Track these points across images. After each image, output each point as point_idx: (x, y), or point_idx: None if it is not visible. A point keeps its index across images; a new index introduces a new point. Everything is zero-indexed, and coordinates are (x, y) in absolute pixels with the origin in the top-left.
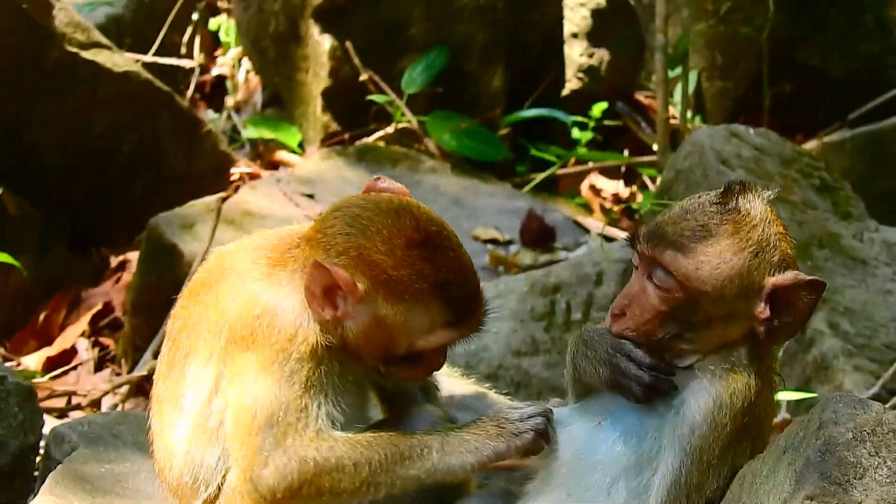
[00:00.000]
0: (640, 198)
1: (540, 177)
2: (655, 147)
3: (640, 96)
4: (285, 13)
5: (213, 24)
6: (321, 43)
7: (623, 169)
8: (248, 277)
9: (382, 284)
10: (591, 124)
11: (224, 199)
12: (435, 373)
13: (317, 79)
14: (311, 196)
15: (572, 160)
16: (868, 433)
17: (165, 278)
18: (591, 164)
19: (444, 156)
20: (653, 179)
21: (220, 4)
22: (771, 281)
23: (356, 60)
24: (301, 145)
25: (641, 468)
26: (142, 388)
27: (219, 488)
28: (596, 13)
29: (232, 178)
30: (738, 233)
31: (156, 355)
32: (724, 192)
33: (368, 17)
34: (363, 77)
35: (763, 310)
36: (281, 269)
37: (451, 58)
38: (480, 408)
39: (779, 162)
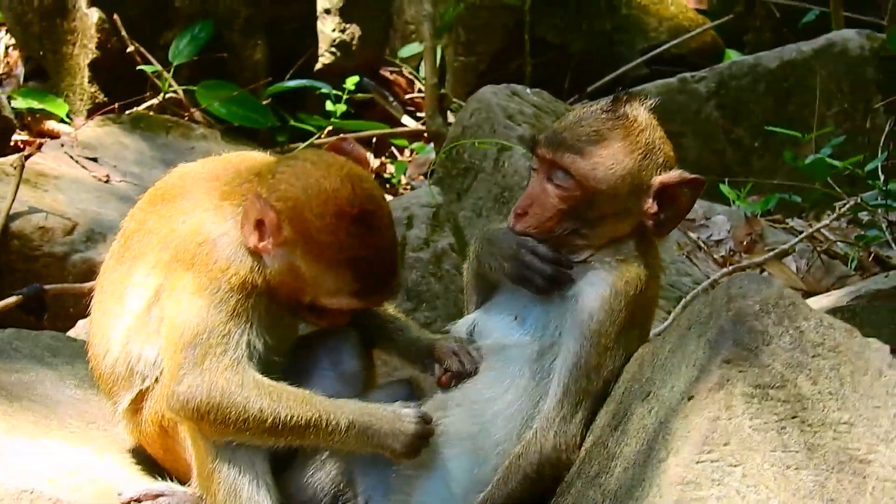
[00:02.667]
0: (390, 168)
1: (302, 146)
2: (407, 116)
3: (385, 72)
4: None
5: None
6: (89, 16)
7: (374, 140)
8: (199, 205)
9: (305, 240)
10: (345, 97)
11: (27, 158)
12: None
13: (84, 51)
14: (94, 160)
15: (326, 129)
16: (772, 305)
17: None
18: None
19: (209, 125)
20: (400, 150)
21: None
22: (658, 179)
23: (123, 33)
24: (69, 115)
25: (543, 354)
26: None
27: (155, 382)
28: None
29: (11, 144)
30: (628, 137)
31: None
32: (613, 100)
33: None
34: (130, 49)
35: (651, 205)
36: (229, 203)
37: (215, 31)
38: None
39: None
